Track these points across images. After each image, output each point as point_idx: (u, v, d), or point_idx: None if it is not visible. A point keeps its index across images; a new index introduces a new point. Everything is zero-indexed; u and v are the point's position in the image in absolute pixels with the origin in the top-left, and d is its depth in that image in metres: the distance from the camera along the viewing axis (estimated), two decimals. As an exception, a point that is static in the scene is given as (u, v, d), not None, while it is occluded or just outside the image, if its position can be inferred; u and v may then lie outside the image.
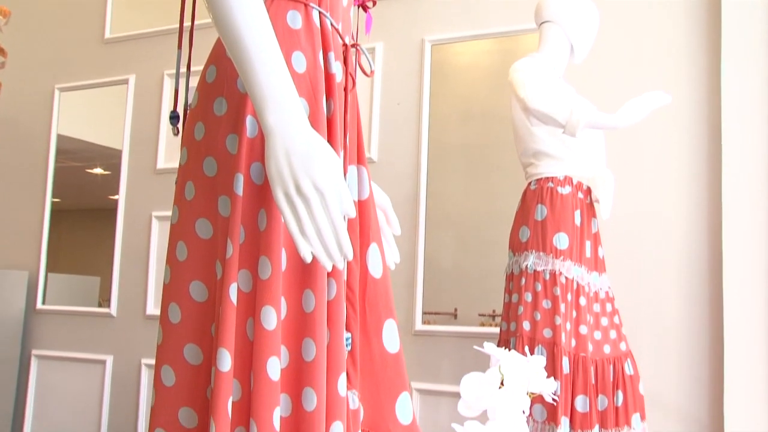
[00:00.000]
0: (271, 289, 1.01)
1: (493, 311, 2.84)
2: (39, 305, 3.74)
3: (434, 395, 2.83)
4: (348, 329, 1.13)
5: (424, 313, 2.96)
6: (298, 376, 1.04)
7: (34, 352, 3.70)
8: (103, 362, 3.53)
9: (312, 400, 1.03)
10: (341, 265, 1.03)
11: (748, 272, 2.43)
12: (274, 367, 1.01)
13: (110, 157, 3.76)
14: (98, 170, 4.01)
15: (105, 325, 3.58)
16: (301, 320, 1.05)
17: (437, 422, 2.76)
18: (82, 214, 4.12)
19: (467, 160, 3.07)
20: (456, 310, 2.98)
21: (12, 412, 3.68)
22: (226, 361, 1.00)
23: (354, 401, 1.15)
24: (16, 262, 3.82)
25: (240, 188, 1.04)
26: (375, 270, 1.21)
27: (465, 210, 3.05)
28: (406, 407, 1.22)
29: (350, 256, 0.99)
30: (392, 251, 1.44)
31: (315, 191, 0.96)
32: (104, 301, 3.66)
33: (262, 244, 1.03)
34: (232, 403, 1.03)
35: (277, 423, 1.01)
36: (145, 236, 3.53)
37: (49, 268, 3.79)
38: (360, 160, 1.22)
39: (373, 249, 1.21)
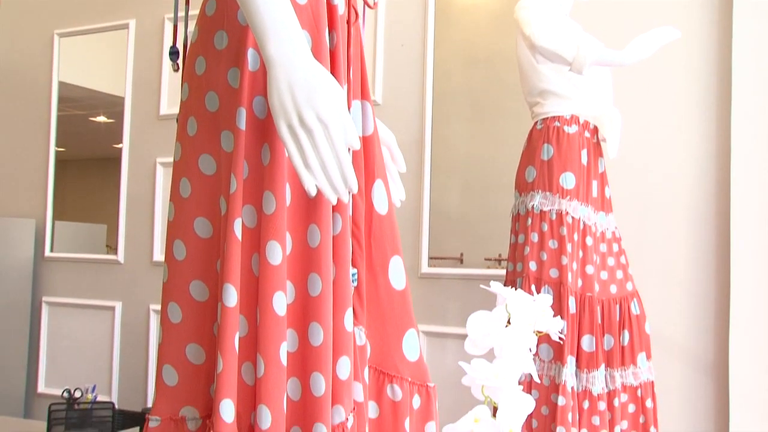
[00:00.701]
0: (276, 224, 1.01)
1: (499, 255, 2.84)
2: (47, 253, 3.76)
3: (441, 337, 2.85)
4: (354, 265, 1.13)
5: (430, 258, 2.97)
6: (304, 311, 1.04)
7: (45, 299, 3.74)
8: (112, 308, 3.56)
9: (318, 335, 1.03)
10: (346, 199, 1.02)
11: (756, 212, 2.42)
12: (280, 302, 1.01)
13: (113, 105, 3.74)
14: (101, 118, 3.99)
15: (113, 271, 3.60)
16: (306, 255, 1.05)
17: (444, 364, 2.79)
18: (87, 163, 4.11)
19: (472, 104, 3.03)
20: (462, 254, 2.98)
21: (26, 357, 3.74)
22: (231, 297, 1.00)
23: (361, 337, 1.15)
24: (23, 210, 3.83)
25: (243, 123, 1.02)
26: (380, 206, 1.20)
27: (470, 154, 3.03)
28: (413, 344, 1.22)
29: (355, 189, 0.98)
30: (398, 188, 1.43)
31: (318, 123, 0.95)
32: (111, 248, 3.67)
33: (266, 179, 1.02)
34: (239, 338, 1.03)
35: (283, 358, 1.01)
36: (150, 183, 3.53)
37: (56, 216, 3.80)
38: (364, 95, 1.20)
39: (378, 185, 1.20)
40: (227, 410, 1.00)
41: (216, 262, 1.08)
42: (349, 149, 0.99)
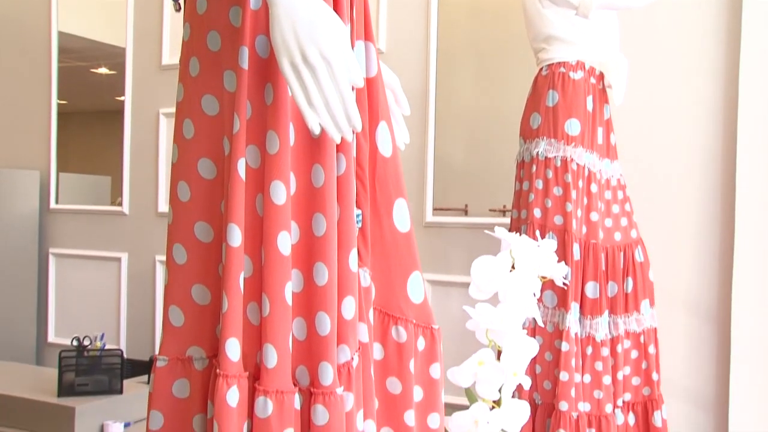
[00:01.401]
0: (280, 164, 1.00)
1: (504, 206, 2.84)
2: (53, 205, 3.77)
3: (445, 286, 2.87)
4: (358, 206, 1.12)
5: (434, 209, 2.97)
6: (308, 251, 1.05)
7: (51, 250, 3.76)
8: (119, 259, 3.58)
9: (323, 275, 1.03)
10: (350, 137, 1.02)
11: (762, 159, 2.40)
12: (285, 242, 1.01)
13: (114, 56, 3.71)
14: (103, 70, 3.96)
15: (118, 223, 3.61)
16: (310, 195, 1.04)
17: (448, 312, 2.81)
18: (90, 116, 4.10)
19: (477, 54, 3.00)
20: (466, 206, 2.98)
21: (36, 308, 3.78)
22: (236, 236, 1.00)
23: (365, 279, 1.15)
24: (26, 162, 3.83)
25: (245, 62, 1.01)
26: (384, 148, 1.19)
27: (475, 105, 3.01)
28: (417, 286, 1.22)
29: (359, 127, 0.98)
30: (402, 131, 1.42)
31: (322, 60, 0.94)
32: (116, 200, 3.68)
33: (270, 118, 1.02)
34: (244, 279, 1.03)
35: (289, 297, 1.02)
36: (153, 134, 3.52)
37: (60, 168, 3.80)
38: (367, 35, 1.19)
39: (382, 127, 1.19)
40: (233, 349, 1.01)
41: (220, 203, 1.08)
42: (352, 87, 0.99)
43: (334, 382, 1.03)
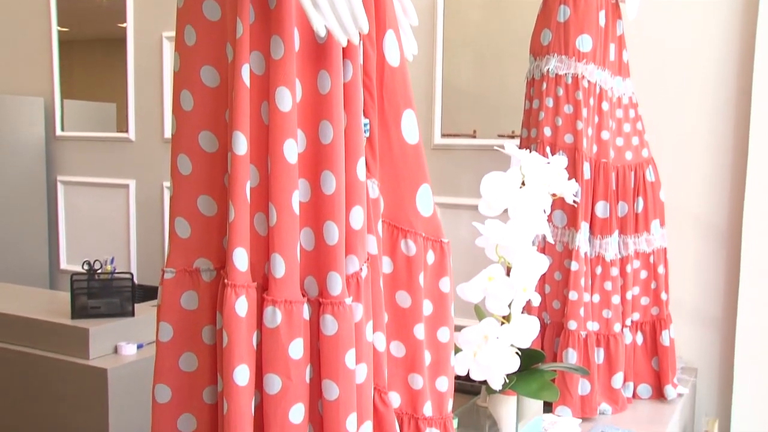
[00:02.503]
0: (285, 69, 0.98)
1: (513, 132, 2.80)
2: (59, 132, 3.75)
3: (454, 209, 2.85)
4: (366, 115, 1.10)
5: (442, 135, 2.94)
6: (315, 160, 1.03)
7: (60, 178, 3.77)
8: (126, 186, 3.58)
9: (331, 184, 1.02)
10: (356, 40, 0.99)
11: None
12: (291, 149, 0.99)
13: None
14: (104, -5, 3.89)
15: (125, 149, 3.60)
16: (317, 102, 1.02)
17: (457, 235, 2.80)
18: (92, 44, 4.04)
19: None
20: (475, 131, 2.94)
21: (47, 235, 3.81)
22: (241, 145, 0.99)
23: (374, 190, 1.14)
24: (29, 88, 3.80)
25: (246, -35, 0.98)
26: (392, 58, 1.16)
27: (483, 29, 2.94)
28: (426, 199, 1.21)
29: (365, 29, 0.95)
30: (410, 41, 1.39)
31: None
32: (122, 127, 3.66)
33: (273, 23, 0.98)
34: (250, 189, 1.02)
35: (296, 206, 1.01)
36: (157, 59, 3.47)
37: (64, 95, 3.77)
38: None
39: (389, 36, 1.16)
40: (240, 258, 1.00)
41: (225, 110, 1.06)
42: None
43: (343, 292, 1.02)
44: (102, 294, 2.32)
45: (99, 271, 2.35)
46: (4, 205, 3.66)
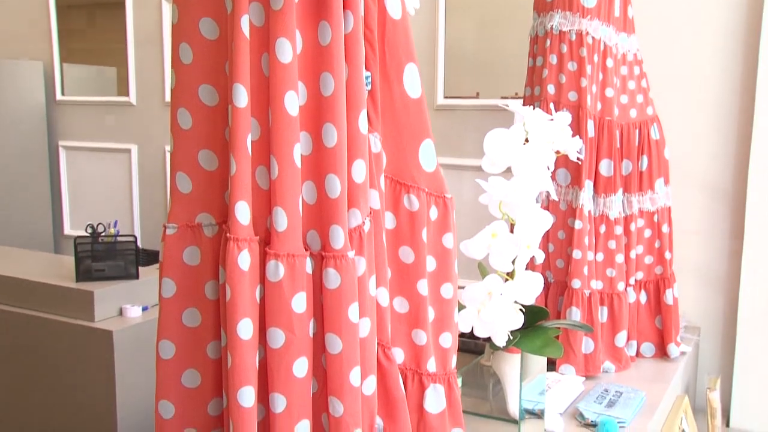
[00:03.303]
0: (285, 20, 0.96)
1: (516, 94, 2.78)
2: (59, 96, 3.73)
3: (457, 169, 2.84)
4: (367, 68, 1.09)
5: (445, 97, 2.92)
6: (317, 113, 1.02)
7: (61, 143, 3.75)
8: (128, 151, 3.57)
9: (332, 136, 1.01)
10: (356, -12, 0.97)
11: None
12: (292, 101, 0.98)
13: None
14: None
15: (126, 114, 3.58)
16: (317, 54, 1.01)
17: (460, 196, 2.79)
18: (91, 8, 4.00)
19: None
20: (478, 94, 2.92)
21: (50, 200, 3.80)
22: (242, 97, 0.97)
23: (376, 144, 1.13)
24: (27, 52, 3.76)
25: None
26: (394, 10, 1.14)
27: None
28: (429, 154, 1.20)
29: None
30: (411, -6, 1.37)
31: None
32: (123, 91, 3.64)
33: (272, -28, 0.97)
34: (251, 142, 1.01)
35: (297, 159, 1.00)
36: (157, 22, 3.44)
37: (63, 59, 3.74)
38: None
39: (390, -13, 1.14)
40: (243, 212, 1.00)
41: (225, 63, 1.04)
42: None
43: (346, 246, 1.02)
44: (106, 257, 2.32)
45: (103, 234, 2.35)
46: (7, 171, 3.66)
